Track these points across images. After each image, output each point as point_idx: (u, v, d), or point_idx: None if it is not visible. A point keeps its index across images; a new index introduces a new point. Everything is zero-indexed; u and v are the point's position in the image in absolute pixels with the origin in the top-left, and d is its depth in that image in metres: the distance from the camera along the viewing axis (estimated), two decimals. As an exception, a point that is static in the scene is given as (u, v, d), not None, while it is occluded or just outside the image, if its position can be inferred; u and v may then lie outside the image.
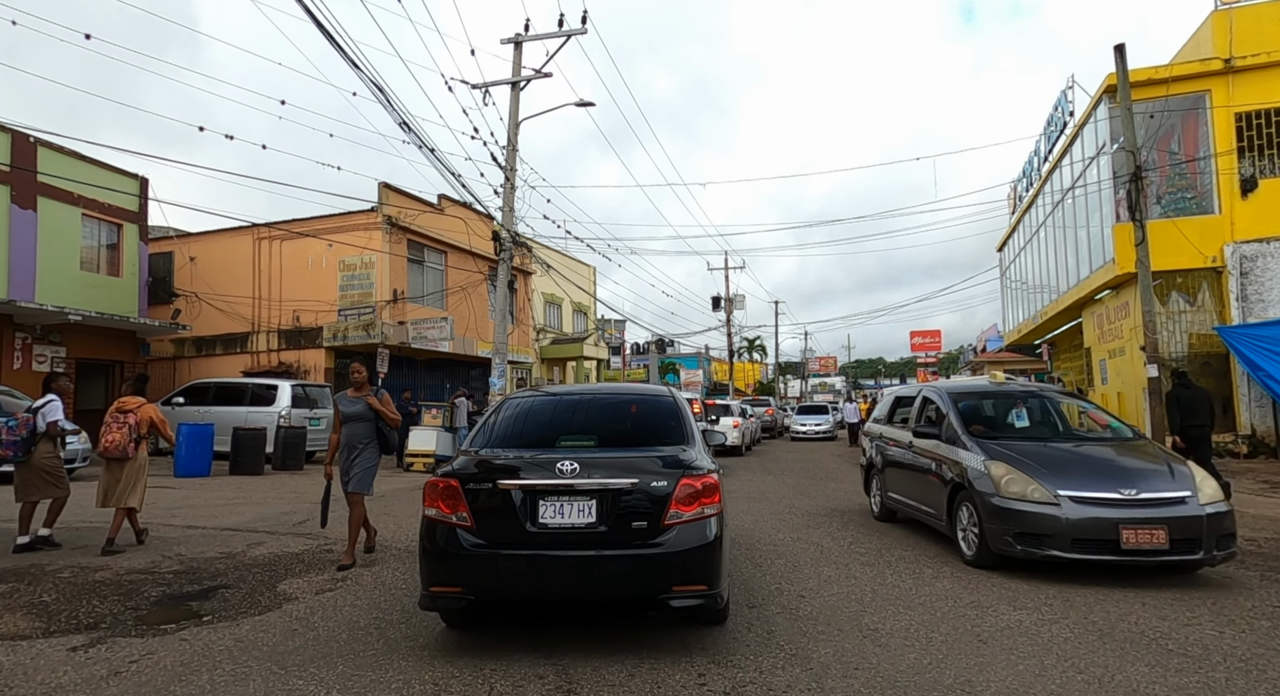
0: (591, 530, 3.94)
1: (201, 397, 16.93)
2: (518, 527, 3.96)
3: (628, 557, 3.91)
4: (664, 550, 3.89)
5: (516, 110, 18.67)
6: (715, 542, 3.98)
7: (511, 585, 4.00)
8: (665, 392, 5.27)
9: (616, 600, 4.24)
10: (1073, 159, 18.54)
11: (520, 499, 3.99)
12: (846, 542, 7.39)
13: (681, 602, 3.89)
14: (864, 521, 8.81)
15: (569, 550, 3.93)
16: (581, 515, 3.95)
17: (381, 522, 8.52)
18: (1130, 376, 16.29)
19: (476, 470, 4.18)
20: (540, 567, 3.94)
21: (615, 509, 3.95)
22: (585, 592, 4.04)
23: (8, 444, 6.85)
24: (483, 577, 3.99)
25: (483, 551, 3.96)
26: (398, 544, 7.54)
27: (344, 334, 20.22)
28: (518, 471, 4.10)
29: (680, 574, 3.91)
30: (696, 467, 4.11)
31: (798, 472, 15.71)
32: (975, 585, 5.59)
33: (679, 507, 3.95)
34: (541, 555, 3.94)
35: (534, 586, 4.00)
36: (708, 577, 3.94)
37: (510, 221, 18.55)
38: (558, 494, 3.98)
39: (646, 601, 3.98)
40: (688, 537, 3.92)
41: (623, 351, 50.11)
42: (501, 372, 18.09)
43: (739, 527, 8.30)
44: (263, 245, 21.35)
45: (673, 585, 3.89)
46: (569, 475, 3.99)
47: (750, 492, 11.90)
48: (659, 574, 3.91)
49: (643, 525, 3.93)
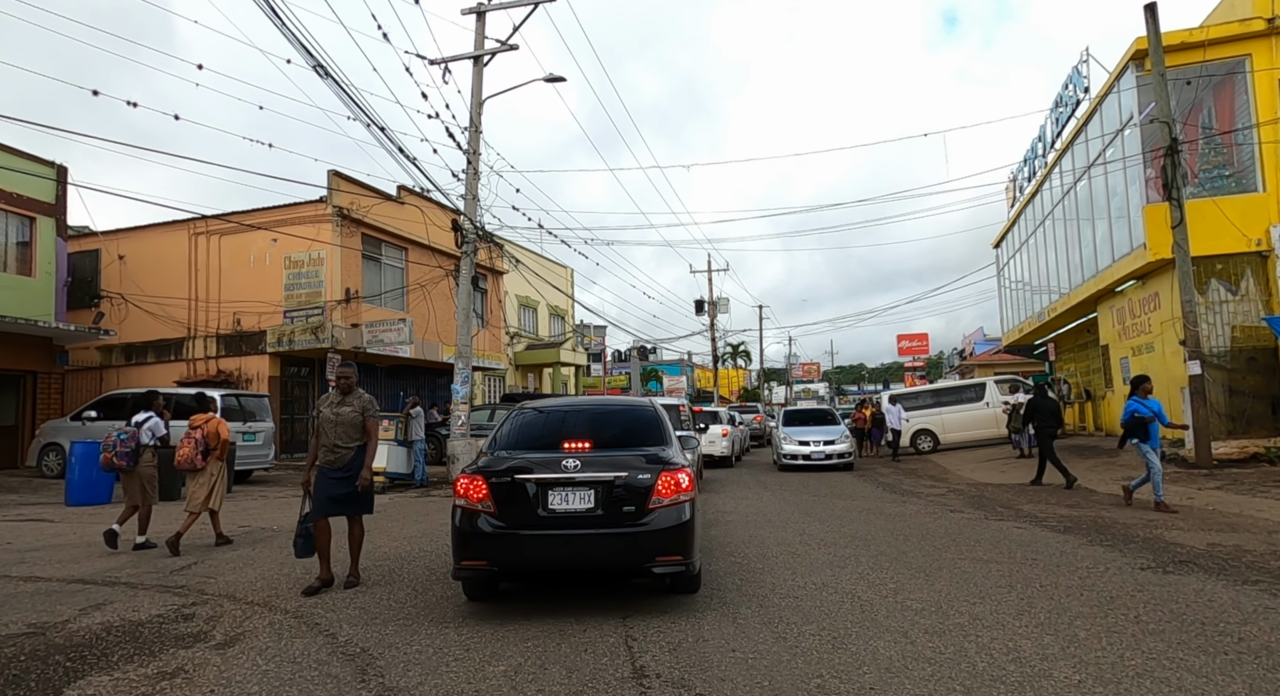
0: (590, 514, 4.86)
1: (118, 411, 14.78)
2: (531, 513, 4.86)
3: (619, 535, 4.82)
4: (648, 528, 4.81)
5: (480, 87, 16.84)
6: (689, 522, 4.93)
7: (527, 558, 4.91)
8: (647, 404, 6.39)
9: (610, 569, 5.08)
10: (1088, 137, 17.02)
11: (533, 490, 4.89)
12: (888, 590, 5.60)
13: (662, 569, 4.83)
14: (898, 558, 7.02)
15: (573, 530, 4.84)
16: (582, 502, 4.87)
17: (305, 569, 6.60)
18: (1161, 374, 14.70)
19: (497, 467, 5.07)
20: (550, 544, 4.84)
21: (609, 497, 4.87)
22: (585, 564, 4.98)
23: (121, 454, 7.76)
24: (504, 552, 4.88)
25: (504, 532, 4.85)
26: (326, 606, 5.61)
27: (290, 338, 18.20)
28: (531, 468, 4.98)
29: (661, 547, 4.81)
30: (673, 463, 5.08)
31: (797, 486, 13.93)
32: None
33: (659, 495, 4.87)
34: (551, 534, 4.84)
35: (544, 559, 4.92)
36: (683, 550, 4.89)
37: (473, 210, 16.67)
38: (563, 485, 4.88)
39: (634, 569, 4.94)
40: (667, 518, 4.85)
41: (603, 358, 48.31)
42: (465, 379, 16.16)
43: (743, 566, 6.49)
44: (199, 241, 19.28)
45: (655, 556, 4.81)
46: (572, 470, 4.89)
47: (748, 515, 10.08)
48: (644, 547, 4.81)
49: (631, 509, 4.85)
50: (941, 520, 9.25)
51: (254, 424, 15.22)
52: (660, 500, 4.83)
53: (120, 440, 7.80)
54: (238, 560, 7.32)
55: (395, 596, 5.72)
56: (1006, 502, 10.88)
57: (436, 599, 5.60)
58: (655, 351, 64.87)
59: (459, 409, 15.87)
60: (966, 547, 7.31)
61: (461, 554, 4.95)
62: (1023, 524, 8.78)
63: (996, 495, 11.86)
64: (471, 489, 4.94)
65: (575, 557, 4.86)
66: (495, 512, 4.85)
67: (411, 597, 5.66)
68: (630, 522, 4.81)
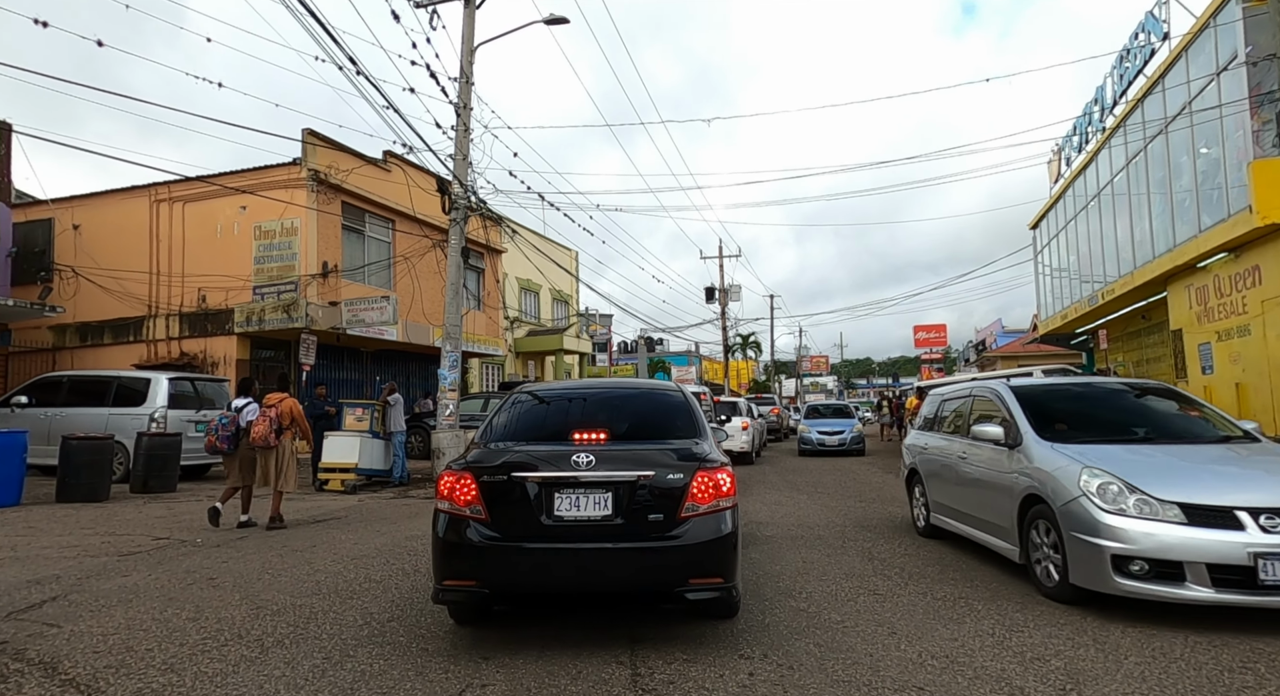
0: (608, 522, 3.91)
1: (52, 396, 12.93)
2: (533, 520, 3.92)
3: (645, 550, 3.87)
4: (681, 542, 3.85)
5: (471, 32, 14.81)
6: (731, 535, 3.95)
7: (526, 578, 3.94)
8: (673, 387, 5.29)
9: (633, 593, 4.28)
10: (1166, 87, 14.89)
11: (535, 492, 3.96)
12: (1001, 634, 3.62)
13: (698, 595, 3.86)
14: (1026, 599, 5.03)
15: (585, 543, 3.89)
16: (597, 507, 3.93)
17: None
18: (1260, 360, 12.66)
19: (490, 463, 4.13)
20: (556, 560, 3.89)
21: (631, 501, 3.93)
22: (601, 585, 4.03)
23: (222, 438, 8.12)
24: (497, 570, 3.93)
25: (497, 544, 3.91)
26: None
27: (260, 317, 16.25)
28: (532, 464, 4.06)
29: (697, 566, 3.88)
30: (711, 460, 4.10)
31: (833, 489, 11.95)
32: None
33: (695, 500, 3.93)
34: (557, 548, 3.89)
35: (549, 579, 3.95)
36: (724, 570, 3.91)
37: (464, 171, 14.69)
38: (573, 486, 3.96)
39: (662, 593, 3.98)
40: (704, 530, 3.89)
41: (609, 348, 46.31)
42: (454, 363, 14.21)
43: (810, 613, 4.53)
44: (161, 209, 17.32)
45: (689, 578, 3.85)
46: (584, 468, 3.96)
47: (790, 527, 8.11)
48: (676, 566, 3.87)
49: (659, 517, 3.91)
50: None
51: (210, 412, 13.27)
52: (696, 506, 3.91)
53: (222, 425, 8.23)
54: (117, 593, 5.38)
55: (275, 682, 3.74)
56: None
57: (364, 673, 3.64)
58: (662, 342, 62.81)
59: (446, 396, 13.92)
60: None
61: (444, 570, 3.99)
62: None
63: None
64: (458, 489, 4.02)
65: (587, 578, 3.93)
66: (487, 519, 3.96)
67: (314, 676, 3.69)
68: (658, 535, 3.88)
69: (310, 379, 15.45)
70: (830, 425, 20.80)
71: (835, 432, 20.34)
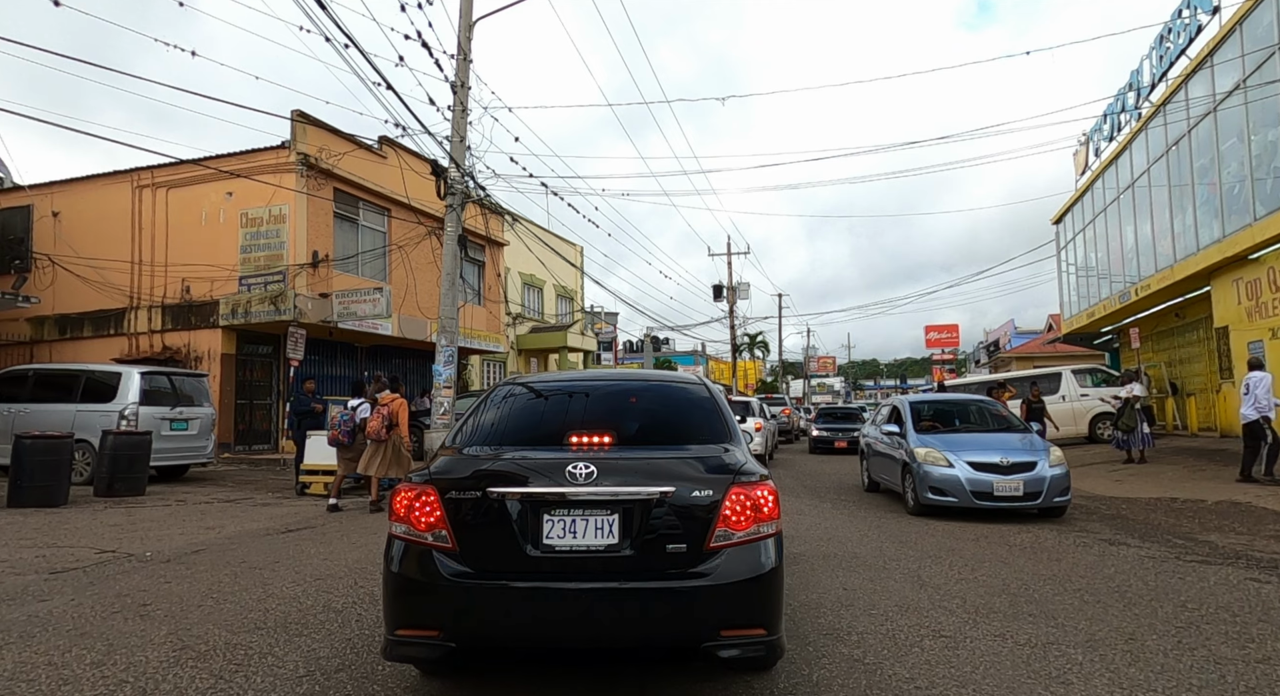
0: (614, 554, 2.96)
1: (17, 391, 12.06)
2: (515, 550, 2.97)
3: (662, 591, 2.92)
4: (710, 581, 2.92)
5: (470, 6, 13.91)
6: (775, 571, 3.03)
7: (506, 627, 2.93)
8: (696, 380, 4.23)
9: (647, 648, 3.27)
10: (1214, 63, 13.86)
11: (519, 512, 3.01)
12: None
13: (732, 650, 2.86)
14: (1121, 641, 4.08)
15: (584, 581, 2.93)
16: (601, 534, 2.98)
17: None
18: (1323, 360, 11.64)
19: (460, 474, 3.19)
20: (544, 605, 2.91)
21: (645, 526, 2.99)
22: (605, 638, 2.97)
23: (344, 432, 9.51)
24: (467, 617, 2.95)
25: (468, 582, 2.96)
26: None
27: (246, 309, 15.37)
28: (516, 476, 3.11)
29: (732, 613, 2.92)
30: (749, 473, 3.16)
31: (856, 495, 11.00)
32: None
33: (729, 525, 3.01)
34: (547, 588, 2.92)
35: (534, 630, 2.94)
36: (767, 618, 2.96)
37: (461, 154, 13.77)
38: (568, 506, 3.00)
39: (687, 648, 2.94)
40: (740, 565, 2.96)
41: (614, 347, 45.39)
42: (449, 358, 13.31)
43: (860, 656, 3.58)
44: (144, 195, 16.46)
45: (721, 629, 2.88)
46: (584, 481, 3.01)
47: (821, 545, 7.16)
48: (704, 613, 2.91)
49: (681, 548, 2.98)
50: (1111, 560, 6.28)
51: (187, 409, 12.41)
52: (730, 533, 3.01)
53: (343, 420, 9.52)
54: (22, 624, 4.47)
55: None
56: (1170, 528, 7.90)
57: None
58: (668, 341, 61.82)
59: (441, 394, 13.03)
60: (1213, 622, 4.34)
61: (397, 617, 3.04)
62: (1241, 569, 5.81)
63: (1142, 514, 8.87)
64: (417, 507, 3.08)
65: (585, 629, 2.93)
66: (454, 549, 3.03)
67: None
68: (680, 570, 2.96)
69: (298, 375, 14.57)
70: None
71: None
